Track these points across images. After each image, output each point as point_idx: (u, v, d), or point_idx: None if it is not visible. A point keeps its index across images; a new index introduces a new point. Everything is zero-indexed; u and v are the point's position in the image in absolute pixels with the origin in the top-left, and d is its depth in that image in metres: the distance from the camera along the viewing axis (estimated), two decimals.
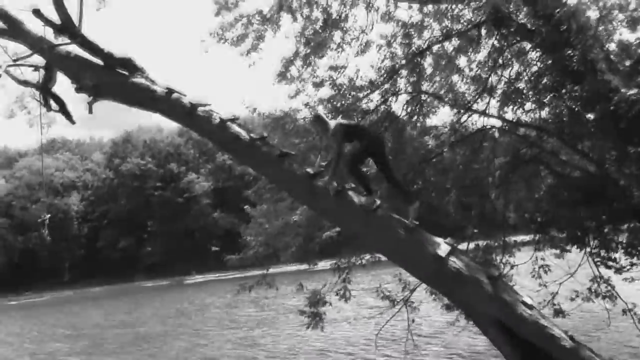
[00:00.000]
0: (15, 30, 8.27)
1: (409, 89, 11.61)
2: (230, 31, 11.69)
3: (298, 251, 12.40)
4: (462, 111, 11.36)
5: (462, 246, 10.51)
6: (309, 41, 11.46)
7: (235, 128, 7.34)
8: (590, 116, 8.99)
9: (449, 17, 11.25)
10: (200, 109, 7.48)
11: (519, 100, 10.88)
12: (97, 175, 70.01)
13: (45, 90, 8.72)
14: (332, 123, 6.59)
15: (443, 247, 5.81)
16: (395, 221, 6.13)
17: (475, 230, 11.57)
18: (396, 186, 6.92)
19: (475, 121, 11.70)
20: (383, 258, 9.32)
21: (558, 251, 11.25)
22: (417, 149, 11.27)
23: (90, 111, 8.42)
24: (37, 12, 8.05)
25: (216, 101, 7.91)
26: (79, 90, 8.10)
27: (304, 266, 13.11)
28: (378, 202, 6.24)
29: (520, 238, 12.63)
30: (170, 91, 7.64)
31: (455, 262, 5.68)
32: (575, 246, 10.48)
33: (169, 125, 65.36)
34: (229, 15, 11.96)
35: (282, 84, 12.28)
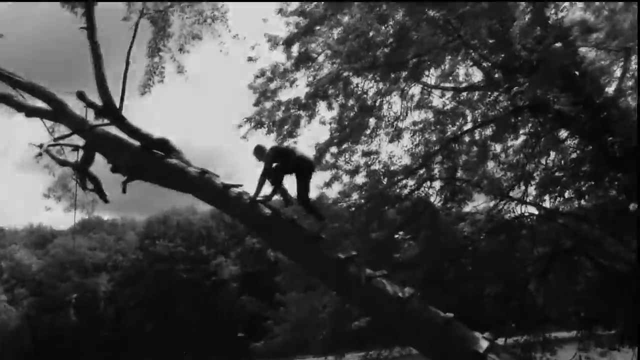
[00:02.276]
0: (59, 111, 8.60)
1: (444, 175, 11.54)
2: (268, 118, 11.99)
3: (326, 341, 11.93)
4: (498, 199, 11.14)
5: (500, 341, 9.93)
6: (343, 127, 11.64)
7: (267, 210, 7.28)
8: (635, 205, 8.67)
9: (484, 104, 11.33)
10: (232, 190, 7.47)
11: (558, 188, 10.63)
12: (127, 256, 70.36)
13: (82, 169, 8.90)
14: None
15: (482, 342, 5.46)
16: (431, 313, 5.84)
17: (514, 325, 10.98)
18: (308, 207, 7.15)
19: (513, 209, 11.42)
20: (415, 351, 8.86)
21: (604, 349, 10.53)
22: (451, 236, 10.98)
23: (124, 191, 8.51)
24: (81, 95, 8.40)
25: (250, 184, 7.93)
26: (114, 170, 8.25)
27: (331, 358, 12.55)
28: (411, 291, 6.00)
29: (562, 334, 11.91)
30: (203, 172, 7.68)
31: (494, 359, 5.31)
32: (627, 345, 9.79)
33: (202, 208, 65.85)
34: (267, 104, 12.32)
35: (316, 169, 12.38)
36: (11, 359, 62.60)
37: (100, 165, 8.94)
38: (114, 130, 8.37)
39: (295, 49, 11.98)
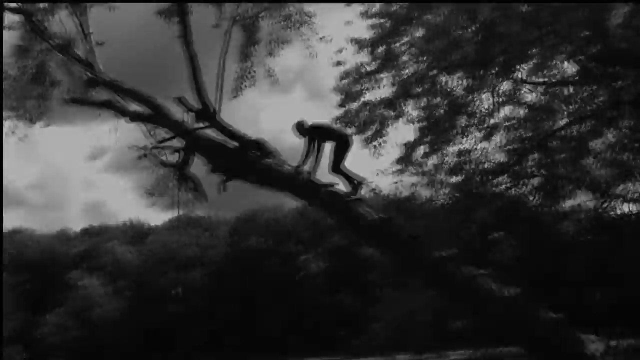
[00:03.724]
0: (159, 116, 9.11)
1: (541, 172, 11.10)
2: (355, 118, 12.07)
3: (427, 339, 11.85)
4: (601, 197, 10.57)
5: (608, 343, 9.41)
6: (432, 126, 11.50)
7: (363, 208, 7.37)
8: None
9: (580, 98, 10.80)
10: (327, 188, 7.62)
11: None
12: (218, 251, 72.99)
13: (182, 171, 9.38)
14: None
15: (595, 344, 5.28)
16: (539, 313, 5.71)
17: (625, 327, 10.39)
18: (346, 177, 7.49)
19: (618, 206, 10.82)
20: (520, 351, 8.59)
21: None
22: (554, 235, 10.55)
23: (222, 190, 8.92)
24: (180, 100, 8.88)
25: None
26: (213, 171, 8.65)
27: (432, 355, 12.43)
28: (517, 290, 5.87)
29: None
30: (298, 172, 7.89)
31: None
32: None
33: (290, 205, 67.08)
34: (352, 104, 12.40)
35: (405, 168, 12.31)
36: (115, 348, 66.87)
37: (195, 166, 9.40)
38: (211, 132, 8.80)
39: (379, 50, 11.98)
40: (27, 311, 70.21)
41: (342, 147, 7.66)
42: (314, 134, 7.69)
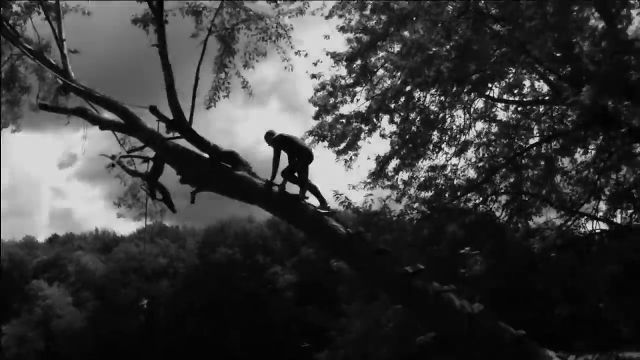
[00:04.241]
0: (131, 125, 9.01)
1: (510, 189, 11.33)
2: (330, 130, 12.15)
3: (391, 352, 11.87)
4: (568, 214, 10.83)
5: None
6: (405, 141, 11.65)
7: (332, 222, 7.42)
8: None
9: (551, 117, 11.10)
10: (301, 202, 7.66)
11: (629, 204, 10.27)
12: (186, 263, 72.07)
13: (152, 180, 9.28)
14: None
15: None
16: (502, 330, 5.80)
17: (584, 343, 10.61)
18: (310, 188, 7.77)
19: (583, 224, 11.10)
20: None
21: None
22: (520, 251, 10.75)
23: (193, 201, 8.87)
24: (153, 109, 8.80)
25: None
26: (184, 181, 8.59)
27: None
28: (480, 306, 5.95)
29: (637, 355, 11.41)
30: (269, 184, 7.92)
31: None
32: None
33: (259, 216, 66.82)
34: (327, 117, 12.48)
35: (376, 182, 12.42)
36: (75, 359, 65.16)
37: (166, 177, 9.33)
38: (183, 142, 8.74)
39: (356, 64, 12.12)
40: None
41: (307, 161, 7.94)
42: (280, 144, 7.94)
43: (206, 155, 8.41)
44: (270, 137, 8.07)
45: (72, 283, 73.64)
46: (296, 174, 7.86)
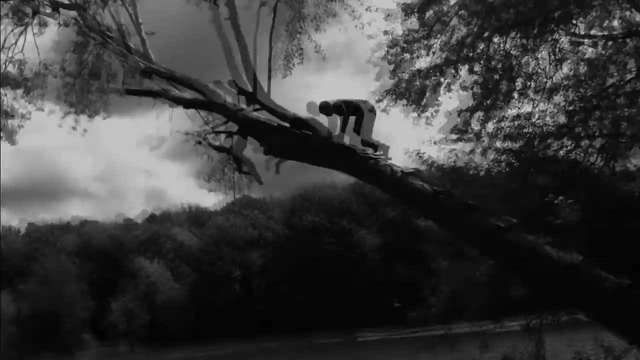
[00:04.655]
0: (212, 101, 9.24)
1: (604, 132, 10.63)
2: (406, 89, 11.88)
3: (483, 309, 11.70)
4: None
5: None
6: (488, 91, 11.17)
7: (417, 181, 7.33)
8: None
9: None
10: (381, 163, 7.62)
11: None
12: (276, 232, 74.28)
13: (237, 154, 9.53)
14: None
15: None
16: (603, 279, 5.55)
17: None
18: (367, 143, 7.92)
19: None
20: (582, 319, 8.35)
21: None
22: (616, 197, 10.13)
23: (277, 171, 9.05)
24: (232, 83, 8.99)
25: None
26: (267, 152, 8.75)
27: (491, 325, 12.25)
28: (579, 257, 5.70)
29: None
30: (350, 149, 7.93)
31: None
32: None
33: (342, 182, 67.45)
34: (403, 74, 12.18)
35: (461, 137, 12.05)
36: (178, 332, 69.42)
37: (251, 149, 9.52)
38: (264, 114, 8.87)
39: (428, 14, 11.69)
40: (96, 299, 73.79)
41: (370, 116, 8.10)
42: (341, 109, 8.03)
43: (287, 125, 8.52)
44: (328, 108, 8.14)
45: (171, 259, 78.20)
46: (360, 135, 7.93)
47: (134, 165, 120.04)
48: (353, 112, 8.09)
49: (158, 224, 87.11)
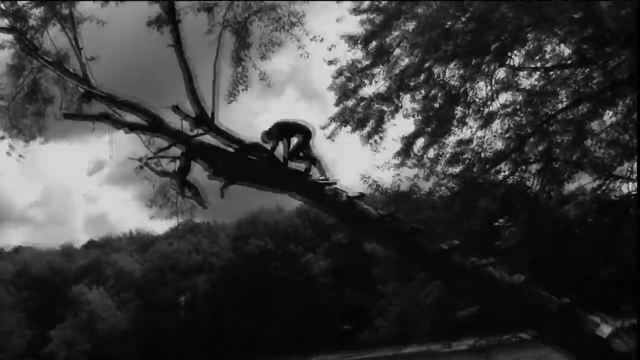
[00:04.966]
0: (156, 125, 9.13)
1: (539, 157, 11.11)
2: (352, 115, 12.07)
3: (431, 330, 11.87)
4: (602, 178, 10.59)
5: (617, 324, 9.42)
6: (429, 118, 11.51)
7: (362, 205, 7.44)
8: None
9: (576, 81, 10.81)
10: (327, 188, 7.71)
11: None
12: (220, 257, 72.97)
13: (181, 178, 9.41)
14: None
15: (603, 327, 5.29)
16: (545, 299, 5.74)
17: (630, 306, 10.40)
18: (313, 162, 8.15)
19: (619, 187, 10.83)
20: (527, 337, 8.59)
21: None
22: (554, 220, 10.57)
23: (222, 196, 8.98)
24: (176, 108, 8.93)
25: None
26: (213, 176, 8.69)
27: (438, 346, 12.43)
28: (521, 277, 5.90)
29: None
30: (298, 173, 7.99)
31: (619, 345, 5.14)
32: None
33: (288, 206, 67.19)
34: (348, 102, 12.39)
35: (404, 162, 12.31)
36: (121, 359, 66.93)
37: (194, 174, 9.42)
38: (207, 138, 8.82)
39: (372, 45, 11.97)
40: (33, 328, 70.34)
41: (307, 137, 8.30)
42: (279, 133, 8.23)
43: (233, 148, 8.51)
44: (268, 134, 8.31)
45: (112, 285, 75.55)
46: (301, 154, 8.16)
47: (74, 190, 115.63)
48: (294, 133, 8.28)
49: (99, 249, 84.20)
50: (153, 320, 68.88)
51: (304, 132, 8.30)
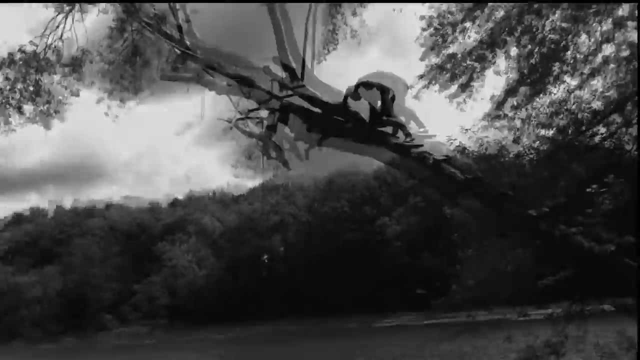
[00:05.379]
0: (246, 87, 9.29)
1: None
2: (439, 73, 11.69)
3: (508, 298, 11.63)
4: None
5: None
6: (524, 76, 10.95)
7: (449, 169, 7.31)
8: None
9: None
10: (413, 150, 7.62)
11: None
12: (298, 218, 74.58)
13: (267, 140, 9.58)
14: None
15: None
16: (633, 269, 5.52)
17: None
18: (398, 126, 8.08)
19: None
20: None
21: None
22: None
23: (307, 157, 9.07)
24: (267, 69, 9.02)
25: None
26: (299, 138, 8.79)
27: (515, 314, 12.16)
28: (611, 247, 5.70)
29: None
30: (385, 134, 7.92)
31: None
32: None
33: (365, 169, 67.35)
34: (437, 58, 11.98)
35: (492, 123, 11.87)
36: (199, 314, 70.55)
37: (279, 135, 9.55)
38: (297, 100, 8.90)
39: None
40: (119, 282, 75.38)
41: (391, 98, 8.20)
42: (367, 91, 8.16)
43: (319, 111, 8.56)
44: (353, 92, 8.23)
45: (194, 243, 79.33)
46: (384, 117, 8.01)
47: (163, 151, 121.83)
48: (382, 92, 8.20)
49: (182, 208, 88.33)
50: (231, 278, 71.88)
51: (388, 92, 8.20)
